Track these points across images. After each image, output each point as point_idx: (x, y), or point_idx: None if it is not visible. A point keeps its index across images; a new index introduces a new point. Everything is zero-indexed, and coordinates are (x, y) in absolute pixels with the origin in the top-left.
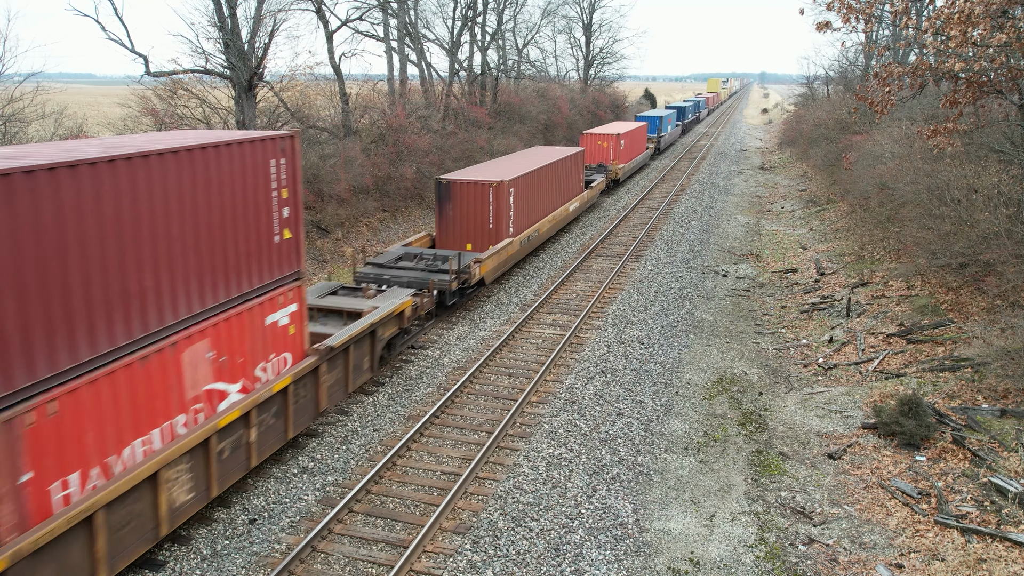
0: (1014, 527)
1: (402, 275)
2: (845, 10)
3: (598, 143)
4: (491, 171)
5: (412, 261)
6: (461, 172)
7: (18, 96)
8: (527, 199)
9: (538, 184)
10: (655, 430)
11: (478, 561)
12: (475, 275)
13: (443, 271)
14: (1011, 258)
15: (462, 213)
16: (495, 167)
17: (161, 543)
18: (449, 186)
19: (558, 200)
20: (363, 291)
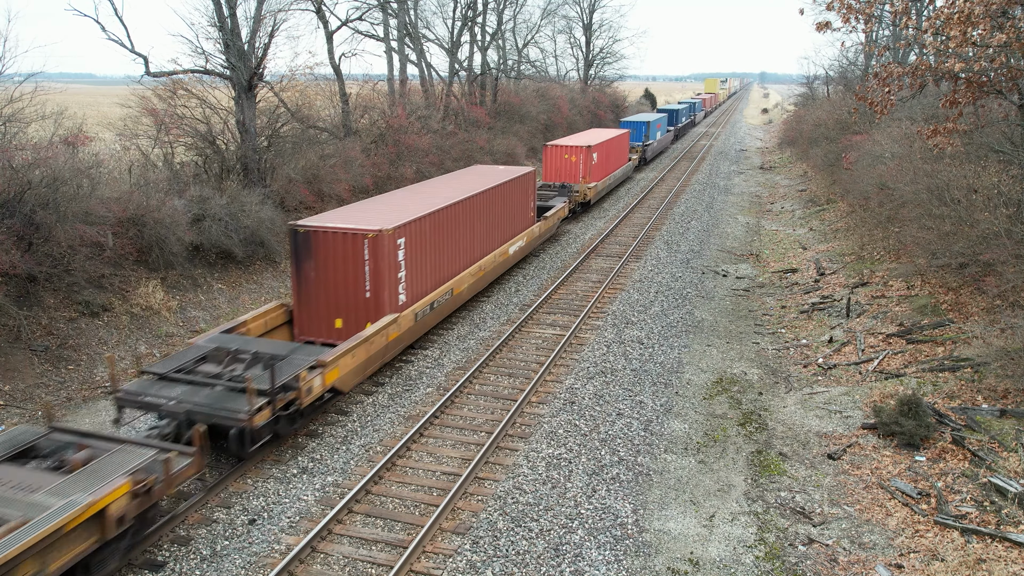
0: (1014, 527)
1: (186, 400)
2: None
3: (564, 157)
4: (377, 212)
5: (220, 364)
6: (331, 215)
7: (18, 96)
8: (432, 250)
9: (452, 225)
10: (655, 430)
11: (478, 561)
12: (313, 390)
13: (244, 390)
14: (1011, 258)
15: (328, 276)
16: (386, 206)
17: (161, 543)
18: (308, 237)
19: (491, 241)
20: (66, 459)
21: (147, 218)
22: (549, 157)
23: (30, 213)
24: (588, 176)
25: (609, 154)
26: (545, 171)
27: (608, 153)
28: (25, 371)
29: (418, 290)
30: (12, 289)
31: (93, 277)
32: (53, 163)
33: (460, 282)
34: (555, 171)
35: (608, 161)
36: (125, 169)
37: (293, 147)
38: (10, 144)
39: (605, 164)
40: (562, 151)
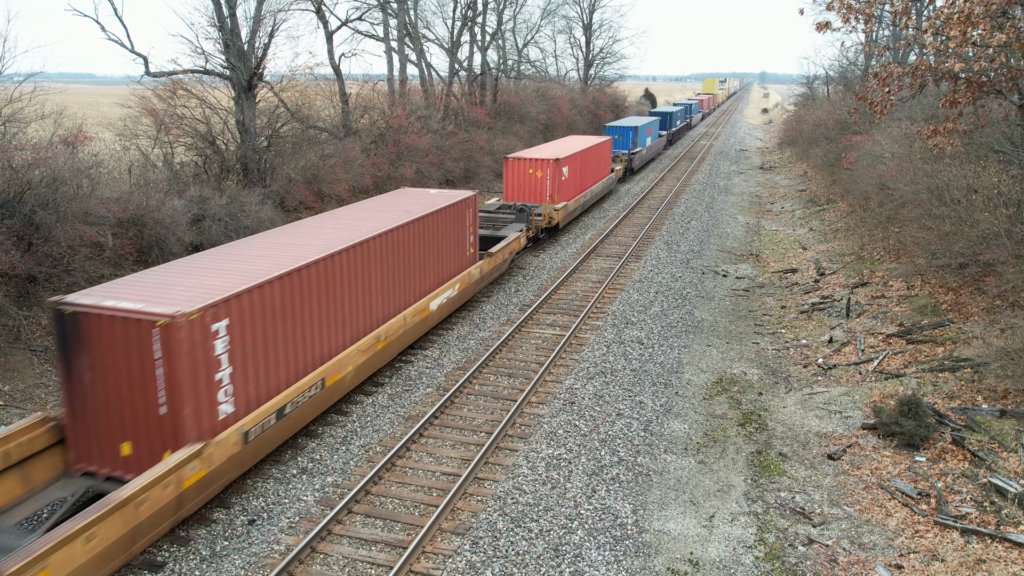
0: (1013, 528)
1: None
2: (845, 10)
3: (528, 172)
4: (204, 272)
5: None
6: (126, 284)
7: (17, 96)
8: (283, 327)
9: (326, 284)
10: (655, 431)
11: (477, 562)
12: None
13: None
14: (1011, 258)
15: (108, 379)
16: (224, 261)
17: (160, 544)
18: (78, 322)
19: (399, 297)
20: None
21: (147, 218)
22: (510, 173)
23: (30, 213)
24: (557, 195)
25: (585, 166)
26: (506, 189)
27: (583, 165)
28: (25, 371)
29: (256, 392)
30: (12, 289)
31: (93, 277)
32: (53, 163)
33: (340, 365)
34: (517, 189)
35: (584, 175)
36: (125, 169)
37: (293, 147)
38: (10, 144)
39: (580, 178)
40: (525, 165)
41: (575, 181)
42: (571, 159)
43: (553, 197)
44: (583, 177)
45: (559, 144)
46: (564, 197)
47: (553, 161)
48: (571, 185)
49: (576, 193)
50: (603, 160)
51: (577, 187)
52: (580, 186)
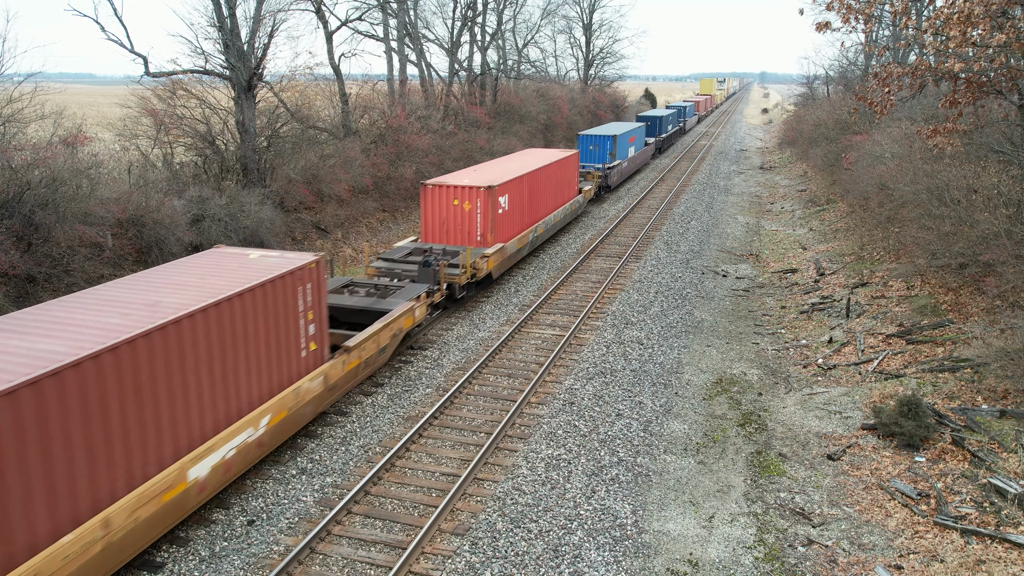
0: (1013, 528)
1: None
2: (845, 10)
3: (453, 203)
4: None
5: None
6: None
7: (17, 96)
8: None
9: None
10: (654, 431)
11: (477, 562)
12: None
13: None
14: (1011, 258)
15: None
16: None
17: (159, 544)
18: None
19: (199, 424)
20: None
21: (146, 218)
22: (430, 204)
23: (29, 213)
24: (491, 234)
25: (535, 192)
26: (424, 226)
27: (535, 189)
28: None
29: None
30: (11, 289)
31: (92, 277)
32: (52, 163)
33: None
34: (439, 226)
35: (533, 203)
36: (124, 169)
37: (293, 147)
38: (9, 144)
39: (528, 208)
40: (448, 194)
41: (520, 212)
42: (514, 184)
43: (486, 237)
44: (535, 205)
45: (506, 163)
46: (502, 236)
47: (485, 189)
48: (513, 218)
49: (522, 228)
50: (567, 179)
51: (524, 220)
52: (529, 218)
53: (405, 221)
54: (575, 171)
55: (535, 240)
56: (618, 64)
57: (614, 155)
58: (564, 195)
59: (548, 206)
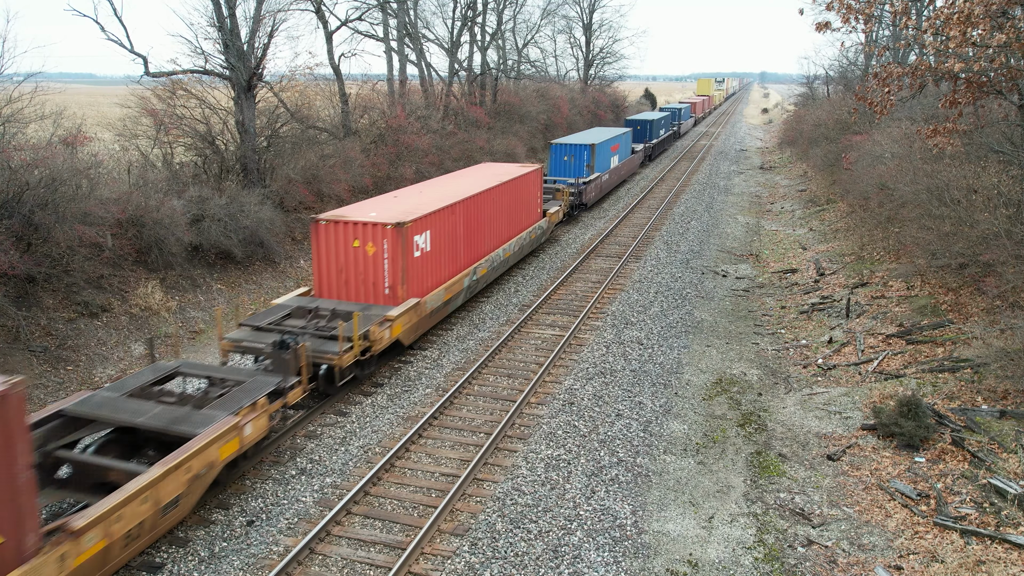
0: (1013, 529)
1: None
2: (844, 10)
3: (354, 245)
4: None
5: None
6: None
7: (17, 96)
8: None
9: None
10: (654, 431)
11: (476, 563)
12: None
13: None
14: (1011, 259)
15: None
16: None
17: (158, 545)
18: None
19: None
20: None
21: (146, 218)
22: (323, 245)
23: (29, 214)
24: (402, 285)
25: (476, 222)
26: (316, 276)
27: (473, 221)
28: (24, 372)
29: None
30: (11, 290)
31: (92, 278)
32: (52, 163)
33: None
34: (335, 274)
35: (473, 236)
36: (124, 169)
37: (293, 147)
38: (9, 144)
39: (463, 244)
40: (347, 232)
41: (452, 250)
42: (440, 217)
43: (395, 290)
44: (475, 239)
45: (442, 185)
46: (420, 286)
47: (393, 227)
48: (439, 261)
49: (453, 271)
50: (525, 201)
51: (457, 260)
52: (465, 256)
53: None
54: (537, 190)
55: (474, 285)
56: (618, 64)
57: (592, 167)
58: (521, 221)
59: (496, 237)
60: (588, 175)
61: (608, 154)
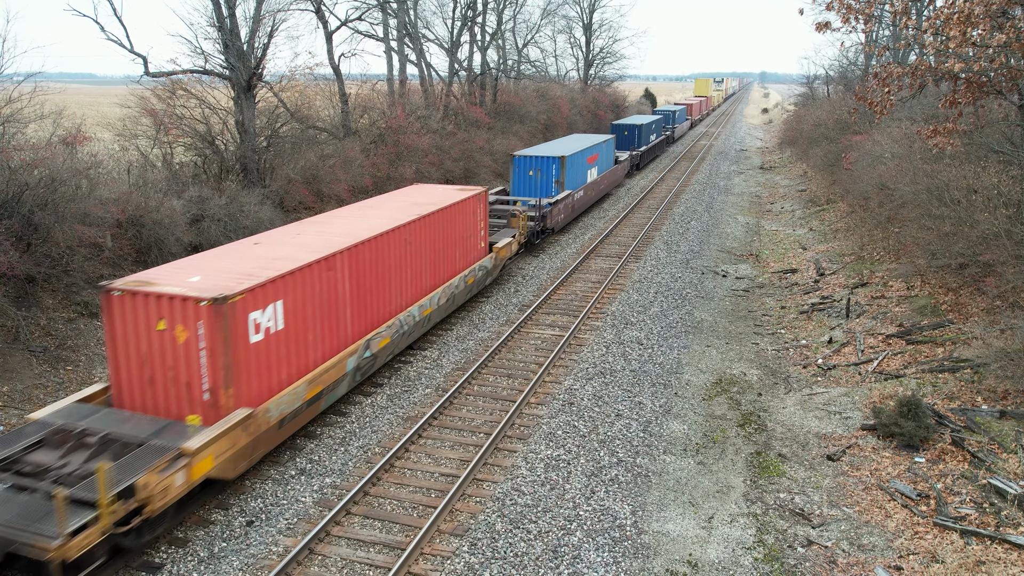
0: (1013, 529)
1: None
2: (844, 10)
3: (157, 328)
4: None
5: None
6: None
7: (16, 96)
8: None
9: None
10: (654, 431)
11: (476, 563)
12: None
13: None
14: (1011, 259)
15: None
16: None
17: (158, 545)
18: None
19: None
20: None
21: (146, 218)
22: (120, 325)
23: (28, 214)
24: (226, 388)
25: (379, 274)
26: (113, 372)
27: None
28: (24, 372)
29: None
30: (11, 290)
31: (92, 278)
32: (52, 164)
33: None
34: (135, 370)
35: (372, 293)
36: (124, 169)
37: (292, 147)
38: (8, 145)
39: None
40: (151, 308)
41: (330, 322)
42: (308, 275)
43: (217, 395)
44: (375, 298)
45: (343, 220)
46: (260, 387)
47: (210, 304)
48: (302, 342)
49: (330, 352)
50: (459, 237)
51: (338, 334)
52: (353, 327)
53: None
54: (478, 219)
55: (367, 364)
56: (618, 64)
57: (562, 183)
58: (451, 263)
59: (410, 290)
60: (557, 193)
61: (584, 167)
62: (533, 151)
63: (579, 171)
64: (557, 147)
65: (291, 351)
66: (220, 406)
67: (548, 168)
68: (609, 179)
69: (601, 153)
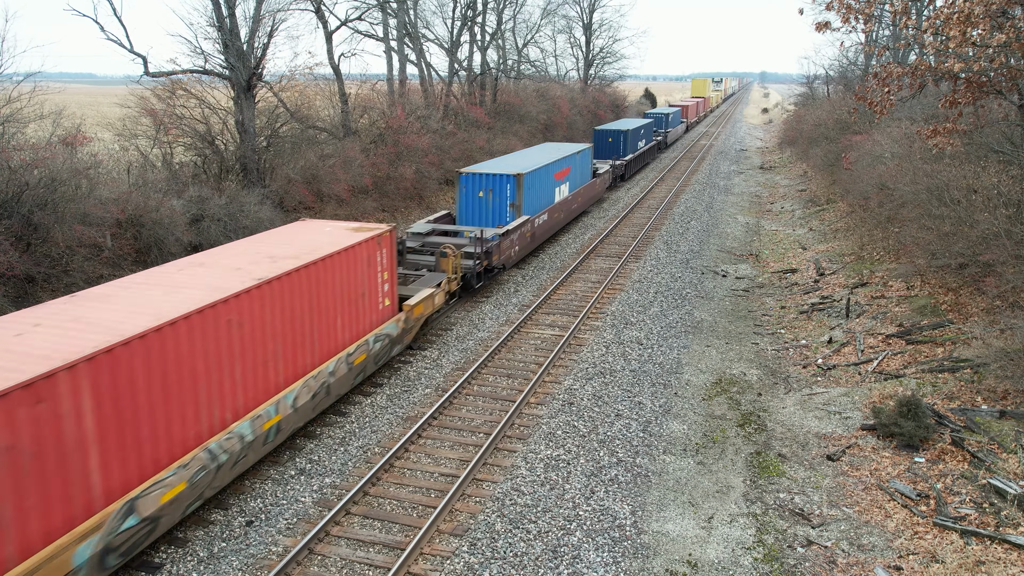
0: (1013, 529)
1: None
2: (844, 10)
3: None
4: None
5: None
6: None
7: (16, 96)
8: None
9: None
10: (654, 431)
11: (475, 563)
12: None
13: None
14: (1010, 259)
15: None
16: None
17: (158, 545)
18: None
19: None
20: None
21: (146, 218)
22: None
23: (28, 214)
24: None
25: (172, 383)
26: None
27: (135, 389)
28: None
29: None
30: (10, 290)
31: (91, 278)
32: (51, 163)
33: None
34: None
35: (142, 421)
36: (124, 169)
37: (292, 147)
38: (8, 144)
39: (98, 454)
40: None
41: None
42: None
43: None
44: (138, 432)
45: (134, 294)
46: None
47: None
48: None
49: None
50: (346, 298)
51: (75, 499)
52: (101, 482)
53: (404, 221)
54: (379, 269)
55: (138, 535)
56: (618, 64)
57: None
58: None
59: (243, 395)
60: (511, 219)
61: (550, 184)
62: (484, 167)
63: (544, 189)
64: (515, 162)
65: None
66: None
67: (501, 188)
68: (585, 196)
69: (575, 166)
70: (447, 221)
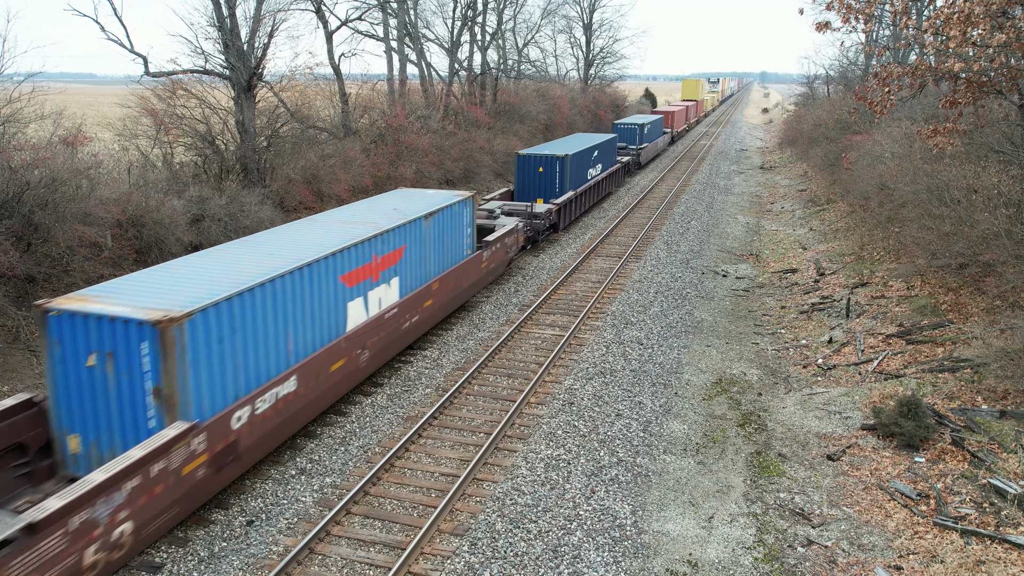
0: (1013, 529)
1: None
2: (844, 10)
3: None
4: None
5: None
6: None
7: (17, 96)
8: None
9: None
10: (654, 431)
11: (476, 563)
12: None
13: None
14: (1011, 259)
15: None
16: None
17: (158, 545)
18: None
19: None
20: None
21: (146, 218)
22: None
23: (29, 214)
24: None
25: None
26: None
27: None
28: (24, 371)
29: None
30: (11, 290)
31: (92, 278)
32: (52, 163)
33: None
34: None
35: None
36: (124, 169)
37: (293, 147)
38: (9, 144)
39: None
40: None
41: None
42: None
43: None
44: None
45: None
46: None
47: None
48: None
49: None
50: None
51: None
52: None
53: None
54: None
55: None
56: (618, 64)
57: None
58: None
59: None
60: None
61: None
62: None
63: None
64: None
65: None
66: None
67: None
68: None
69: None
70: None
